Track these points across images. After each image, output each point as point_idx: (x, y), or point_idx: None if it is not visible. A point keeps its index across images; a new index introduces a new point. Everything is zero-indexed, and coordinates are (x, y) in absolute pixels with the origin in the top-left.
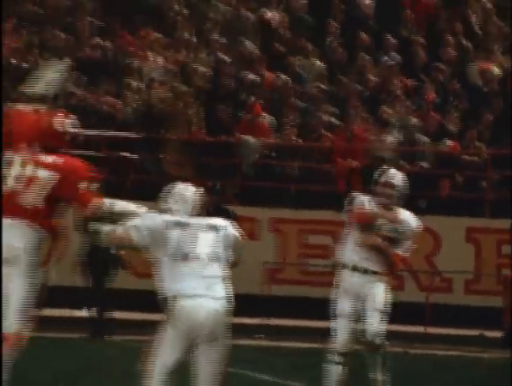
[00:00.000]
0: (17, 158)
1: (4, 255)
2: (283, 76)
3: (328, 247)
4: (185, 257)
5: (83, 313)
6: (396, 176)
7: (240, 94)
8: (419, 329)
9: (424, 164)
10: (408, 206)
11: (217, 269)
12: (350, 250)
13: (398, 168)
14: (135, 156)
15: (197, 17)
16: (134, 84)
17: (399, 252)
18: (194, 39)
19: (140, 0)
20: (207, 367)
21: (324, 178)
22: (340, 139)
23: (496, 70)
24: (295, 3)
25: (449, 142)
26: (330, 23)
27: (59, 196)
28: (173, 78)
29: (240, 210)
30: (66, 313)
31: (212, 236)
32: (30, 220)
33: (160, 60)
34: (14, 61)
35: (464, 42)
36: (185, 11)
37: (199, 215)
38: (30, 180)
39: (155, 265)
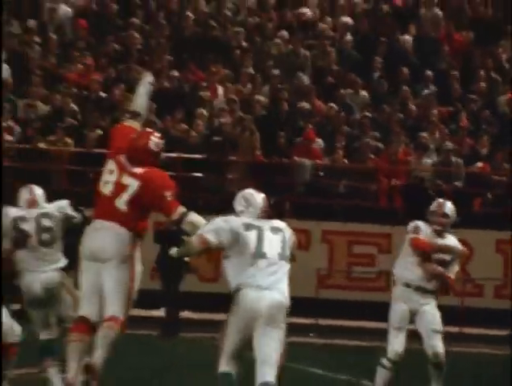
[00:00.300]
0: (115, 168)
1: (96, 253)
2: (334, 106)
3: (372, 256)
4: (257, 255)
5: (155, 312)
6: (449, 207)
7: (295, 121)
8: (455, 329)
9: (458, 183)
10: None
11: (282, 266)
12: (407, 268)
13: (436, 187)
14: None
15: (259, 54)
16: (203, 112)
17: (450, 274)
18: (256, 73)
19: (210, 40)
20: (267, 347)
21: (368, 195)
22: (384, 161)
23: None
24: (344, 42)
25: (480, 164)
26: (375, 59)
27: (143, 203)
28: (237, 107)
29: (295, 223)
30: (141, 312)
31: (278, 237)
32: (120, 223)
33: (226, 91)
34: (101, 94)
35: (494, 75)
36: (249, 49)
37: (263, 217)
38: (122, 187)
39: (228, 262)
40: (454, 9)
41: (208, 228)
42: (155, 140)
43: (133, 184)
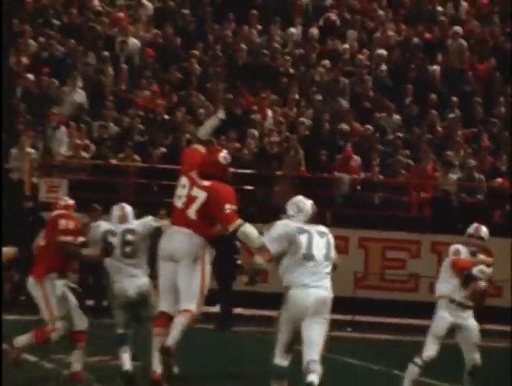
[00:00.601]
0: (186, 182)
1: (172, 253)
2: (369, 127)
3: (403, 260)
4: (307, 257)
5: (212, 308)
6: (484, 231)
7: (335, 141)
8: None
9: (480, 196)
10: None
11: (327, 266)
12: (449, 288)
13: (460, 199)
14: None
15: (304, 81)
16: (254, 132)
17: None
18: (300, 98)
19: (260, 68)
20: (313, 332)
21: (400, 206)
22: (414, 176)
23: None
24: (379, 70)
25: (500, 179)
26: (406, 86)
27: (209, 212)
28: (283, 128)
29: (335, 231)
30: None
31: (324, 240)
32: (192, 229)
33: (274, 114)
34: (165, 116)
35: None
36: (294, 76)
37: (310, 222)
38: (192, 199)
39: (281, 263)
40: (477, 40)
41: (270, 237)
42: (223, 155)
43: (201, 195)
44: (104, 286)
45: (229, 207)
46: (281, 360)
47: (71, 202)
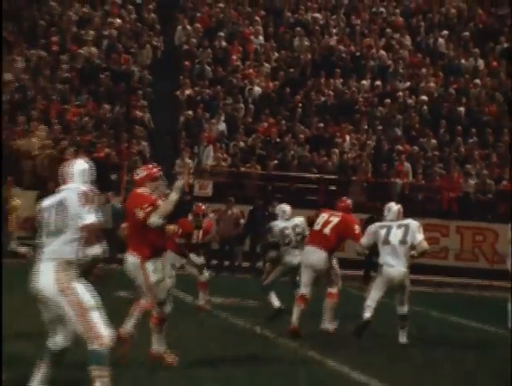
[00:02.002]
0: (326, 215)
1: (314, 266)
2: (415, 147)
3: (437, 238)
4: (385, 243)
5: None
6: None
7: (392, 157)
8: None
9: (490, 196)
10: None
11: (403, 249)
12: None
13: (476, 198)
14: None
15: (371, 116)
16: (336, 151)
17: None
18: (368, 128)
19: (342, 107)
20: (401, 295)
21: (435, 202)
22: (445, 181)
23: None
24: (423, 109)
25: (505, 182)
26: (440, 120)
27: (342, 235)
28: (356, 148)
29: None
30: None
31: (401, 230)
32: (326, 248)
33: (350, 138)
34: (278, 140)
35: None
36: (364, 113)
37: (396, 219)
38: (328, 222)
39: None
40: (489, 89)
41: (365, 236)
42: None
43: (335, 220)
44: None
45: (357, 228)
46: (369, 314)
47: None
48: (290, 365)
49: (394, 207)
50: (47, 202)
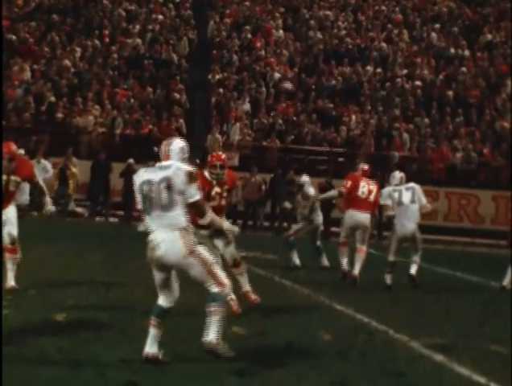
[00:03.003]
0: (366, 184)
1: (362, 223)
2: (411, 126)
3: (429, 202)
4: (398, 204)
5: None
6: None
7: (391, 133)
8: None
9: (473, 166)
10: None
11: (414, 206)
12: None
13: (462, 168)
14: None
15: (373, 99)
16: (344, 127)
17: None
18: (371, 109)
19: (349, 91)
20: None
21: (428, 171)
22: (436, 154)
23: None
24: (417, 93)
25: (486, 150)
26: (432, 102)
27: (378, 200)
28: (361, 126)
29: None
30: None
31: (410, 192)
32: (370, 212)
33: (356, 118)
34: (294, 118)
35: None
36: (367, 96)
37: (401, 183)
38: (371, 191)
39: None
40: (474, 76)
41: (384, 199)
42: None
43: (374, 189)
44: None
45: None
46: (393, 257)
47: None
48: (303, 309)
49: (397, 174)
50: (151, 176)
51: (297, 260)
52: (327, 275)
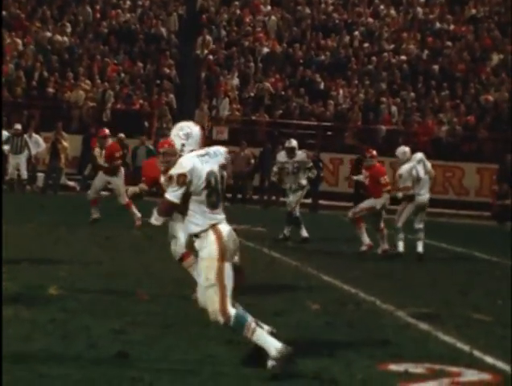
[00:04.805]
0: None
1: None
2: (398, 99)
3: None
4: (419, 178)
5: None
6: None
7: (378, 107)
8: None
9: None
10: None
11: (427, 179)
12: None
13: (448, 140)
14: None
15: (359, 72)
16: (332, 102)
17: None
18: (358, 83)
19: (337, 66)
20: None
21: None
22: (421, 127)
23: None
24: (403, 67)
25: (470, 118)
26: (418, 76)
27: None
28: (348, 100)
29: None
30: None
31: (421, 165)
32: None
33: (343, 91)
34: (283, 93)
35: None
36: (355, 70)
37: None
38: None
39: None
40: (459, 49)
41: (406, 180)
42: None
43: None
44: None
45: None
46: (401, 224)
47: None
48: (291, 280)
49: (405, 148)
50: (212, 166)
51: (305, 233)
52: (315, 246)
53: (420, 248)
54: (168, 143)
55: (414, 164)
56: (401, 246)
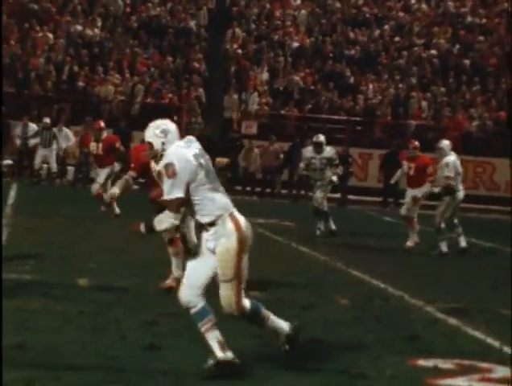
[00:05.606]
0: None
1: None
2: (428, 94)
3: None
4: (459, 173)
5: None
6: None
7: (409, 101)
8: None
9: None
10: None
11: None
12: None
13: (478, 134)
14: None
15: (390, 68)
16: (361, 96)
17: None
18: (388, 78)
19: (368, 60)
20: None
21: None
22: (452, 122)
23: None
24: (433, 62)
25: (502, 113)
26: (449, 71)
27: None
28: (378, 94)
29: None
30: None
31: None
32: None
33: (373, 86)
34: (312, 87)
35: None
36: (385, 65)
37: None
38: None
39: None
40: (492, 45)
41: (452, 171)
42: None
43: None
44: None
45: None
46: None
47: None
48: (320, 274)
49: (447, 142)
50: (194, 150)
51: (333, 225)
52: (343, 241)
53: (464, 243)
54: (144, 149)
55: (455, 158)
56: (445, 246)
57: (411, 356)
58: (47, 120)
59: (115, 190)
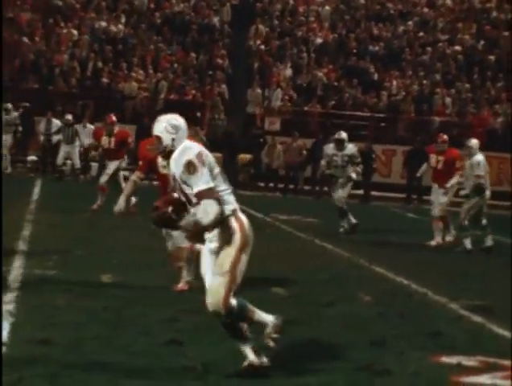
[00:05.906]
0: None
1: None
2: (452, 90)
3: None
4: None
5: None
6: None
7: (433, 98)
8: None
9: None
10: None
11: None
12: None
13: (502, 132)
14: None
15: (414, 64)
16: (385, 92)
17: None
18: (412, 74)
19: (391, 57)
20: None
21: (467, 136)
22: (476, 119)
23: None
24: (457, 58)
25: None
26: (474, 68)
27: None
28: (401, 90)
29: None
30: None
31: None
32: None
33: (397, 82)
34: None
35: None
36: (409, 61)
37: None
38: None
39: None
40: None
41: (483, 169)
42: None
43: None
44: None
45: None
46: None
47: None
48: (343, 271)
49: (476, 141)
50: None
51: (353, 219)
52: (366, 238)
53: (490, 241)
54: (152, 142)
55: (482, 156)
56: (468, 243)
57: (434, 353)
58: (68, 116)
59: (120, 206)
